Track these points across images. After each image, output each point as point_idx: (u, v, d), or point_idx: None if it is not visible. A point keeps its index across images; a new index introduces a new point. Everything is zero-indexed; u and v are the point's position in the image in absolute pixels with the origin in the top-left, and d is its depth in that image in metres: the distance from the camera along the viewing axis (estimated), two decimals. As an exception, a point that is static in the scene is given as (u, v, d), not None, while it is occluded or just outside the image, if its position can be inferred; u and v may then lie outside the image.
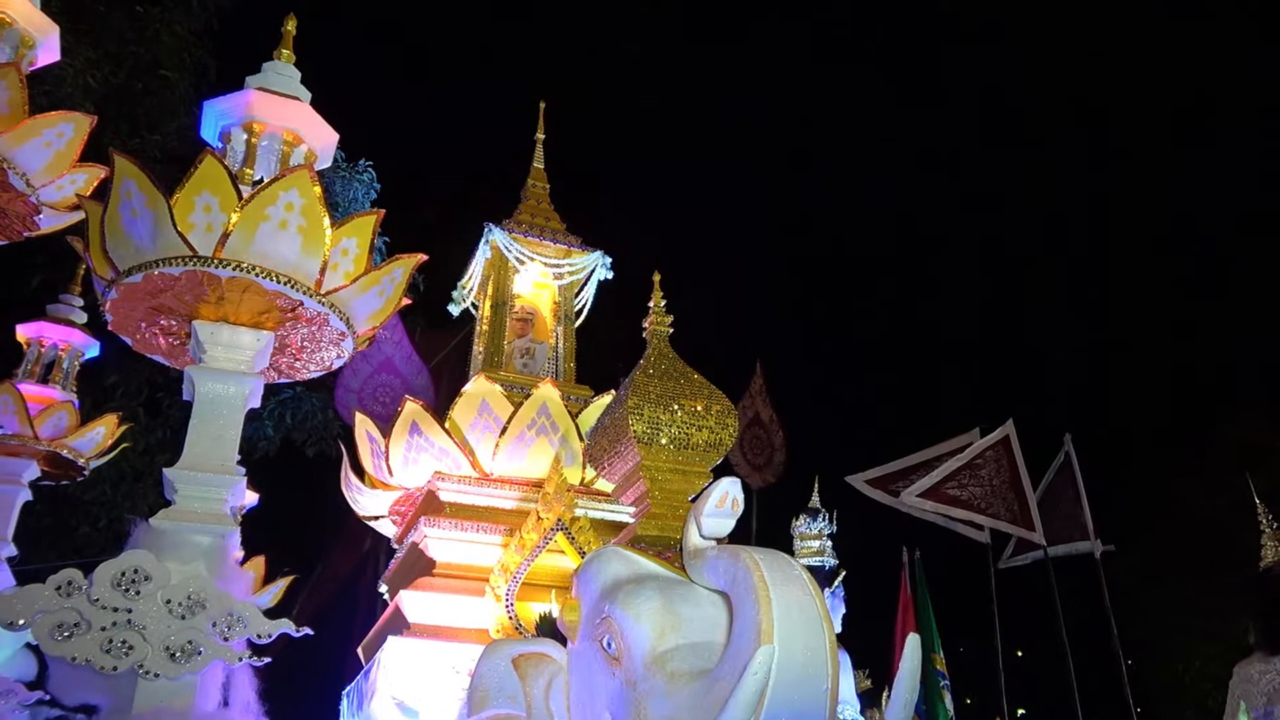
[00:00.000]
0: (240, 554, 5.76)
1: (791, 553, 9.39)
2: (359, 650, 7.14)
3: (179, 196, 4.20)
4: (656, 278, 5.86)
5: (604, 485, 6.92)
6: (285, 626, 4.13)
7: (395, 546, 7.47)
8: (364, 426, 6.95)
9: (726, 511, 4.47)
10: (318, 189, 4.35)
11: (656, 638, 4.13)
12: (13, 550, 7.13)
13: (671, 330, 5.65)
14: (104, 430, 7.55)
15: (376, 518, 7.47)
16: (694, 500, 5.19)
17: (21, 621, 3.74)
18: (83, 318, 7.99)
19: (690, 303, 5.83)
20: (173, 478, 4.22)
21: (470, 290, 7.97)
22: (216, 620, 3.97)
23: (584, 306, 8.06)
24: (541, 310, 8.03)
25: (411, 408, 6.63)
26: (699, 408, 5.21)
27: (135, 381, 11.51)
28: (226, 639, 3.99)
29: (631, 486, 5.22)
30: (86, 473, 7.74)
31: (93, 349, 7.99)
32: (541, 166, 8.58)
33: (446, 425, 6.60)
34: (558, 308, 7.98)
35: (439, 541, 6.44)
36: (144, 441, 11.33)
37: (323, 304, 4.50)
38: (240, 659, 4.06)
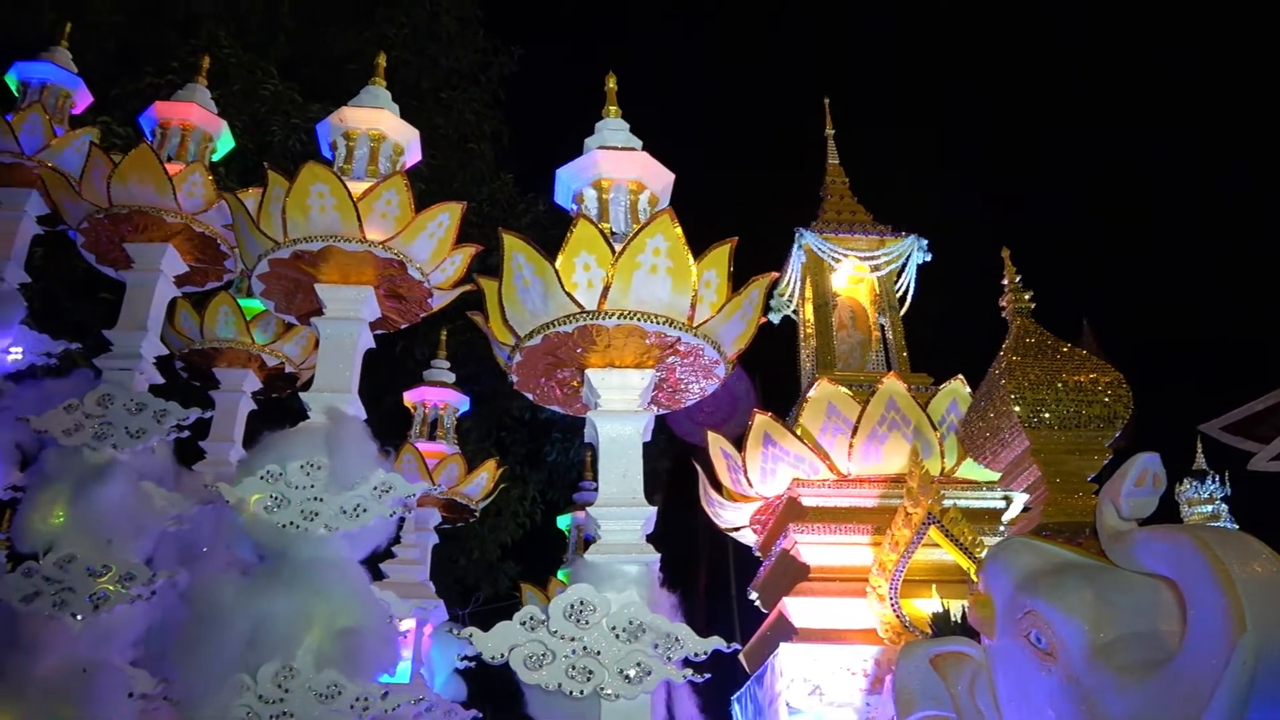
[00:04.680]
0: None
1: (1178, 521, 8.58)
2: (741, 657, 7.41)
3: (562, 260, 4.61)
4: (1006, 253, 5.61)
5: (966, 473, 6.72)
6: (717, 643, 4.38)
7: (759, 555, 7.69)
8: (718, 444, 7.23)
9: (1148, 489, 4.17)
10: (678, 230, 4.60)
11: (1093, 630, 3.93)
12: (432, 586, 8.15)
13: (1033, 305, 5.38)
14: (486, 475, 8.46)
15: (738, 528, 7.74)
16: (1093, 480, 4.90)
17: (502, 655, 4.26)
18: (451, 378, 9.02)
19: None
20: (596, 515, 4.62)
21: (789, 296, 8.06)
22: (658, 642, 4.30)
23: (906, 292, 7.88)
24: (864, 303, 7.96)
25: (762, 420, 6.80)
26: (1084, 381, 4.92)
27: (485, 425, 12.81)
28: (669, 659, 4.30)
29: (1022, 473, 5.01)
30: (477, 514, 8.71)
31: (464, 404, 8.99)
32: (836, 162, 8.53)
33: (798, 432, 6.72)
34: (879, 299, 7.87)
35: (809, 546, 6.56)
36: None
37: (697, 336, 4.75)
38: (683, 677, 4.35)
